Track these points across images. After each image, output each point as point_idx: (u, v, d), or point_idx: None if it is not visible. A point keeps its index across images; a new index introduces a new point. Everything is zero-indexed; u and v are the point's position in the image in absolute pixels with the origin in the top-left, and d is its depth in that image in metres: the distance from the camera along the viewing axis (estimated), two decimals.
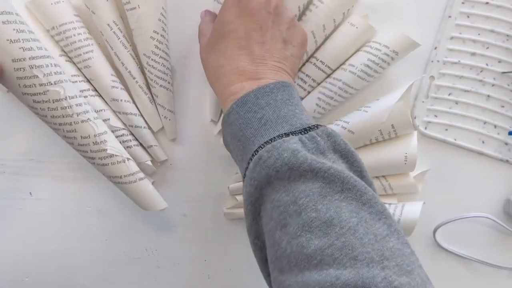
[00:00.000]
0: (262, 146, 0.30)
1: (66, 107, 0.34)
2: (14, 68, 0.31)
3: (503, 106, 0.49)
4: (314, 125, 0.31)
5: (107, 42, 0.45)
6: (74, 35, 0.44)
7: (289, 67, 0.36)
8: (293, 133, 0.30)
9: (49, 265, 0.51)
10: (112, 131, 0.47)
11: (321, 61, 0.46)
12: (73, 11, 0.45)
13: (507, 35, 0.48)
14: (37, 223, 0.50)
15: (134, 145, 0.48)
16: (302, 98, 0.47)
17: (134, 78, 0.47)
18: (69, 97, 0.34)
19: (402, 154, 0.45)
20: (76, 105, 0.35)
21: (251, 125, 0.31)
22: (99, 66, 0.45)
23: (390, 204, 0.47)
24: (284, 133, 0.30)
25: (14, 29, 0.32)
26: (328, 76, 0.47)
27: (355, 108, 0.47)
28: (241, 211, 0.49)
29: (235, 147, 0.33)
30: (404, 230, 0.46)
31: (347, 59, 0.47)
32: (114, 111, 0.47)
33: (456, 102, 0.49)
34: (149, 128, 0.49)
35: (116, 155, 0.37)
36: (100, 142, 0.37)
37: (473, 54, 0.48)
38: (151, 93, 0.48)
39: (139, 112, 0.48)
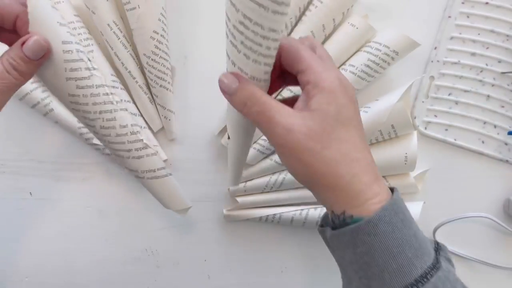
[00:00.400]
0: (431, 274, 0.27)
1: (108, 94, 0.33)
2: (63, 50, 0.31)
3: (503, 106, 0.49)
4: (434, 241, 0.31)
5: (107, 42, 0.45)
6: (74, 35, 0.44)
7: None
8: (438, 255, 0.29)
9: (49, 265, 0.51)
10: None
11: None
12: (73, 11, 0.45)
13: (507, 35, 0.48)
14: (37, 223, 0.50)
15: None
16: None
17: (134, 78, 0.47)
18: (108, 84, 0.33)
19: (402, 154, 0.45)
20: (112, 93, 0.34)
21: (410, 244, 0.28)
22: (99, 66, 0.45)
23: None
24: (436, 257, 0.29)
25: (59, 15, 0.32)
26: None
27: None
28: (241, 213, 0.49)
29: (380, 263, 0.28)
30: None
31: (347, 59, 0.47)
32: None
33: (456, 102, 0.49)
34: (149, 128, 0.49)
35: (149, 147, 0.36)
36: (136, 132, 0.35)
37: (473, 54, 0.48)
38: (151, 93, 0.48)
39: (139, 112, 0.48)
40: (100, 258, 0.51)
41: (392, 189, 0.31)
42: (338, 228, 0.30)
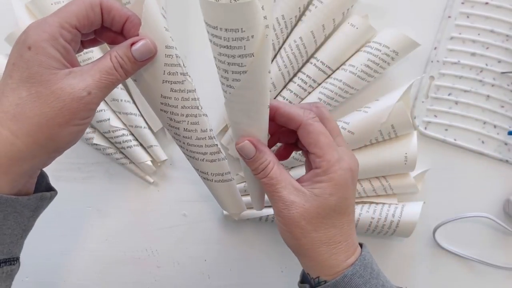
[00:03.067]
0: None
1: (195, 99, 0.35)
2: (165, 54, 0.32)
3: (502, 106, 0.49)
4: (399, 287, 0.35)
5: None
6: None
7: None
8: None
9: (49, 265, 0.51)
10: (112, 131, 0.47)
11: (321, 62, 0.46)
12: None
13: (507, 35, 0.48)
14: (37, 223, 0.50)
15: (134, 145, 0.48)
16: (302, 99, 0.47)
17: None
18: (195, 89, 0.35)
19: (402, 154, 0.45)
20: (199, 98, 0.36)
21: None
22: None
23: (390, 204, 0.47)
24: None
25: (165, 21, 0.34)
26: (329, 76, 0.47)
27: (355, 109, 0.47)
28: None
29: None
30: (404, 230, 0.46)
31: (347, 60, 0.47)
32: (114, 111, 0.48)
33: (456, 102, 0.49)
34: (149, 128, 0.49)
35: (221, 152, 0.38)
36: (213, 137, 0.37)
37: (473, 54, 0.48)
38: None
39: (139, 112, 0.48)
40: (100, 258, 0.51)
41: (361, 245, 0.35)
42: (316, 286, 0.34)
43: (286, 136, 0.36)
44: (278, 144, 0.39)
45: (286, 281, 0.51)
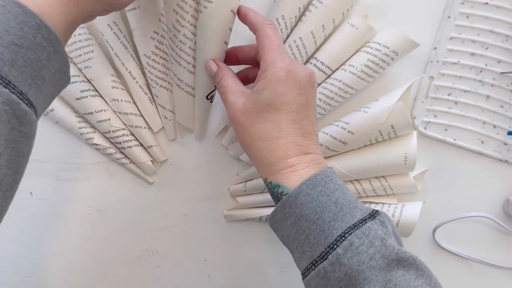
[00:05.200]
0: (349, 232, 0.31)
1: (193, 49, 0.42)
2: (177, 4, 0.39)
3: (502, 106, 0.49)
4: (375, 210, 0.34)
5: (107, 43, 0.45)
6: (75, 35, 0.44)
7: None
8: (367, 219, 0.33)
9: (49, 265, 0.51)
10: (112, 131, 0.47)
11: (321, 62, 0.46)
12: None
13: (507, 36, 0.48)
14: (37, 223, 0.50)
15: (134, 145, 0.48)
16: None
17: (134, 78, 0.47)
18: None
19: (401, 154, 0.45)
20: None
21: (328, 209, 0.32)
22: (99, 66, 0.45)
23: (390, 204, 0.47)
24: (362, 219, 0.32)
25: None
26: (328, 76, 0.47)
27: (355, 109, 0.47)
28: (241, 213, 0.49)
29: (306, 229, 0.33)
30: (404, 230, 0.46)
31: (347, 60, 0.47)
32: (114, 111, 0.48)
33: (456, 102, 0.49)
34: (149, 128, 0.49)
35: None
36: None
37: (473, 54, 0.48)
38: (151, 93, 0.48)
39: (139, 112, 0.48)
40: (100, 258, 0.51)
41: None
42: (271, 191, 0.35)
43: (245, 54, 0.43)
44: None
45: (286, 281, 0.51)
